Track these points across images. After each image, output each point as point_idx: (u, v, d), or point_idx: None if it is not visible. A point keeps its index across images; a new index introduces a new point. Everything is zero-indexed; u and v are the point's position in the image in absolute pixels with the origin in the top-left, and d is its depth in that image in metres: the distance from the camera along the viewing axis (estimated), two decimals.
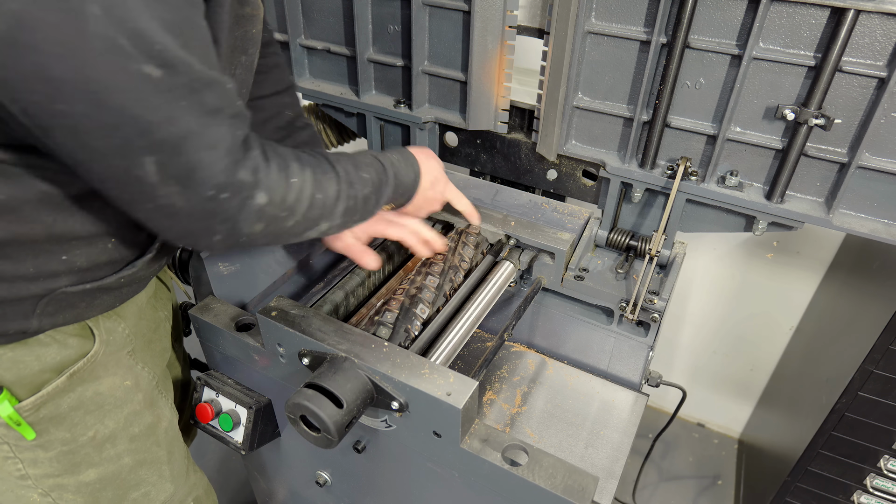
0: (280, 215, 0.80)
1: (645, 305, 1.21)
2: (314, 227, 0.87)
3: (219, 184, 0.72)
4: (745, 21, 1.06)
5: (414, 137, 1.50)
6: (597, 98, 1.27)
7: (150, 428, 1.09)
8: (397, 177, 1.02)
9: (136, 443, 1.07)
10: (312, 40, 1.52)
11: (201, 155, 0.69)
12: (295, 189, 0.81)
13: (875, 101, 1.02)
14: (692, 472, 2.28)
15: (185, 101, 0.66)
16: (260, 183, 0.76)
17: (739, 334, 2.17)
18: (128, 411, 1.04)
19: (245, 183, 0.74)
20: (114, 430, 1.03)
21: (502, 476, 0.90)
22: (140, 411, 1.07)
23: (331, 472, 1.28)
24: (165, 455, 1.14)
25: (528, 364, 1.25)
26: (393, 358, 0.93)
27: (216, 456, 2.26)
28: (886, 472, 1.40)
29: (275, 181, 0.78)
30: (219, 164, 0.71)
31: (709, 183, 1.22)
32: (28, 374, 0.89)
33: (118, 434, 1.04)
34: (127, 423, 1.05)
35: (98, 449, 1.02)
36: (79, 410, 0.97)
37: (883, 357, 1.26)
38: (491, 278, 1.21)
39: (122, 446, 1.05)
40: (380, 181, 0.97)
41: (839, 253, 1.82)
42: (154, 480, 1.13)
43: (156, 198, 0.71)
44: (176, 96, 0.65)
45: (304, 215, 0.84)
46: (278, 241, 0.87)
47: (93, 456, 1.02)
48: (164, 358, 1.19)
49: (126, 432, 1.05)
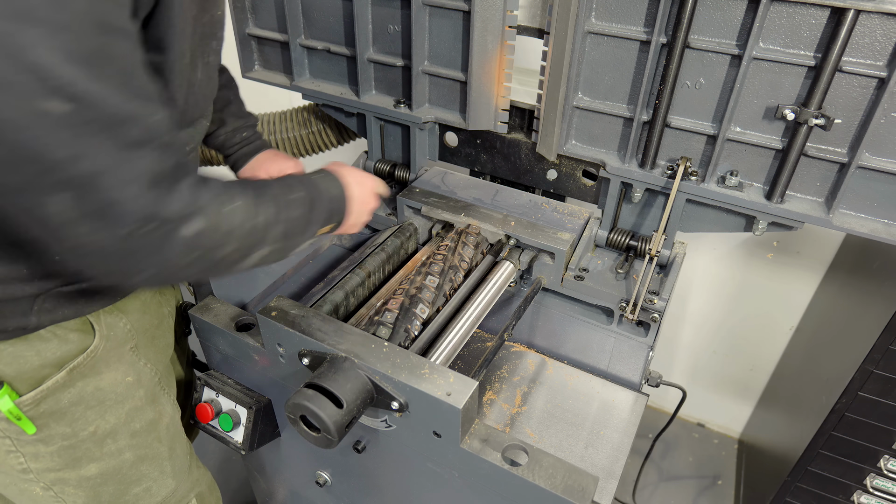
0: (215, 244, 0.76)
1: (645, 305, 1.21)
2: (253, 254, 0.84)
3: (140, 219, 0.68)
4: (745, 21, 1.06)
5: (414, 137, 1.50)
6: (597, 98, 1.27)
7: (152, 424, 1.10)
8: (328, 191, 0.99)
9: (138, 438, 1.08)
10: (312, 40, 1.52)
11: (118, 191, 0.65)
12: (230, 216, 0.77)
13: (875, 101, 1.02)
14: (692, 472, 2.28)
15: (100, 135, 0.63)
16: (191, 213, 0.72)
17: (739, 334, 2.17)
18: (129, 407, 1.05)
19: (172, 215, 0.70)
20: (115, 426, 1.03)
21: (502, 476, 0.90)
22: (141, 407, 1.07)
23: (331, 472, 1.28)
24: (167, 451, 1.14)
25: (528, 364, 1.25)
26: (393, 358, 0.93)
27: (216, 456, 2.26)
28: (886, 472, 1.40)
29: (208, 210, 0.74)
30: (139, 199, 0.67)
31: (709, 183, 1.22)
32: (28, 369, 0.90)
33: (119, 429, 1.04)
34: (128, 418, 1.05)
35: (99, 444, 1.02)
36: (79, 405, 0.97)
37: (883, 357, 1.26)
38: (491, 278, 1.21)
39: (124, 441, 1.06)
40: (311, 199, 0.94)
41: (839, 253, 1.82)
42: (155, 476, 1.13)
43: (69, 237, 0.67)
44: (87, 131, 0.62)
45: (242, 242, 0.80)
46: (217, 271, 0.83)
47: (94, 451, 1.02)
48: (168, 354, 1.19)
49: (127, 428, 1.05)
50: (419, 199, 1.37)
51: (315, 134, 1.67)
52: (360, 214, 1.08)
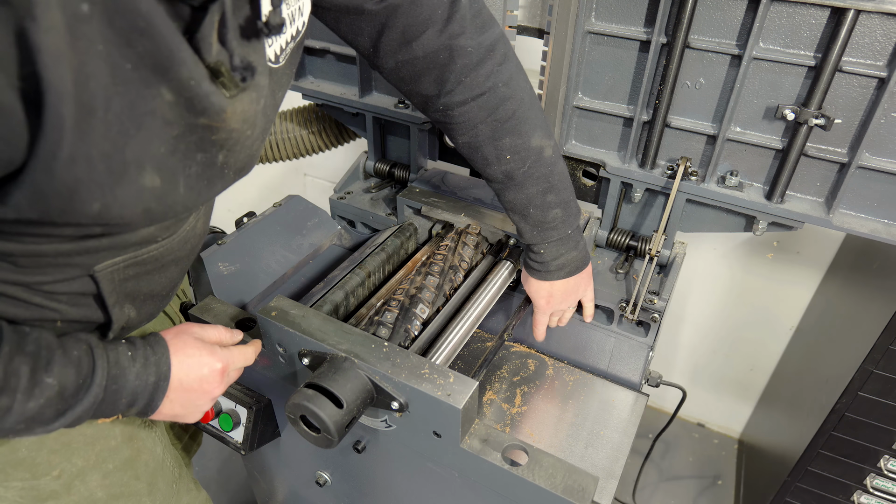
0: None
1: (645, 305, 1.21)
2: None
3: None
4: (745, 21, 1.06)
5: (414, 137, 1.50)
6: (597, 98, 1.27)
7: (128, 462, 1.01)
8: (116, 380, 0.75)
9: (111, 478, 0.99)
10: (312, 40, 1.52)
11: None
12: None
13: (875, 101, 1.02)
14: (692, 472, 2.28)
15: None
16: None
17: (739, 334, 2.17)
18: (100, 448, 0.96)
19: None
20: (83, 468, 0.94)
21: (502, 476, 0.90)
22: (115, 447, 0.99)
23: (331, 472, 1.28)
24: (146, 487, 1.06)
25: (528, 364, 1.25)
26: (393, 358, 0.93)
27: (216, 456, 2.26)
28: (886, 472, 1.40)
29: None
30: None
31: (709, 183, 1.22)
32: None
33: (88, 471, 0.95)
34: (99, 459, 0.96)
35: (66, 486, 0.94)
36: (41, 451, 0.88)
37: (883, 357, 1.26)
38: (491, 278, 1.21)
39: (95, 482, 0.97)
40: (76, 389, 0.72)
41: (839, 253, 1.82)
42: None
43: None
44: None
45: None
46: None
47: (60, 492, 0.93)
48: None
49: (98, 469, 0.97)
50: (419, 199, 1.37)
51: (315, 134, 1.67)
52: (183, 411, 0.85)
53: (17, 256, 0.69)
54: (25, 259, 0.69)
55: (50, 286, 0.74)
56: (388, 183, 1.62)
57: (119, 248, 0.75)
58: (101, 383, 0.74)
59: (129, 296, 0.83)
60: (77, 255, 0.72)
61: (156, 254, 0.80)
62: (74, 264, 0.73)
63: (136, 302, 0.85)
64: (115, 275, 0.78)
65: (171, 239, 0.81)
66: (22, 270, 0.71)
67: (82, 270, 0.74)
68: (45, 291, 0.74)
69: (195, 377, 0.84)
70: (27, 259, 0.70)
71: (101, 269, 0.75)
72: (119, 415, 0.79)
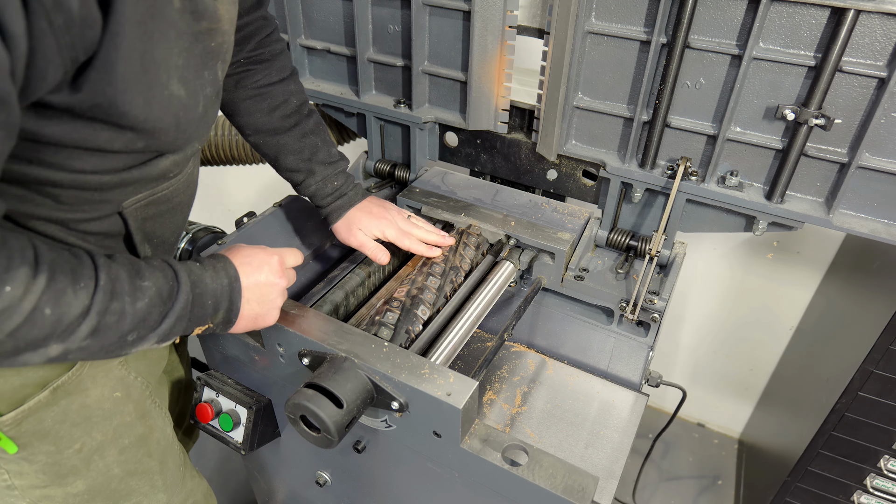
0: None
1: (645, 305, 1.21)
2: (33, 351, 0.66)
3: None
4: (745, 21, 1.06)
5: (414, 137, 1.50)
6: (597, 98, 1.27)
7: (141, 439, 1.07)
8: (197, 285, 0.81)
9: (126, 454, 1.05)
10: (312, 40, 1.52)
11: None
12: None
13: (875, 101, 1.02)
14: (692, 472, 2.28)
15: None
16: None
17: (739, 334, 2.17)
18: (117, 423, 1.02)
19: None
20: (102, 442, 1.00)
21: (502, 476, 0.90)
22: (130, 422, 1.04)
23: (331, 472, 1.28)
24: (157, 465, 1.12)
25: (528, 364, 1.25)
26: (393, 358, 0.93)
27: (216, 456, 2.26)
28: (886, 472, 1.40)
29: None
30: None
31: (709, 183, 1.22)
32: (8, 389, 0.87)
33: (106, 446, 1.01)
34: (116, 434, 1.02)
35: (85, 461, 0.99)
36: (64, 423, 0.94)
37: (883, 357, 1.26)
38: (491, 278, 1.21)
39: (111, 458, 1.03)
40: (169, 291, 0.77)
41: (839, 253, 1.82)
42: (146, 490, 1.11)
43: None
44: None
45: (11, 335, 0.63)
46: None
47: (80, 468, 0.99)
48: (160, 366, 1.17)
49: (115, 444, 1.02)
50: (419, 199, 1.37)
51: None
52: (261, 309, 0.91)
53: (62, 188, 0.75)
54: (67, 193, 0.76)
55: (85, 224, 0.81)
56: (389, 183, 1.62)
57: (144, 181, 0.83)
58: (187, 284, 0.79)
59: (148, 236, 0.91)
60: (111, 190, 0.79)
61: (168, 192, 0.89)
62: (107, 200, 0.81)
63: (152, 244, 0.94)
64: (138, 212, 0.86)
65: (178, 178, 0.90)
66: (61, 207, 0.77)
67: (112, 207, 0.82)
68: (79, 231, 0.81)
69: (259, 268, 0.90)
70: (69, 193, 0.76)
71: (129, 205, 0.84)
72: (210, 323, 0.84)
